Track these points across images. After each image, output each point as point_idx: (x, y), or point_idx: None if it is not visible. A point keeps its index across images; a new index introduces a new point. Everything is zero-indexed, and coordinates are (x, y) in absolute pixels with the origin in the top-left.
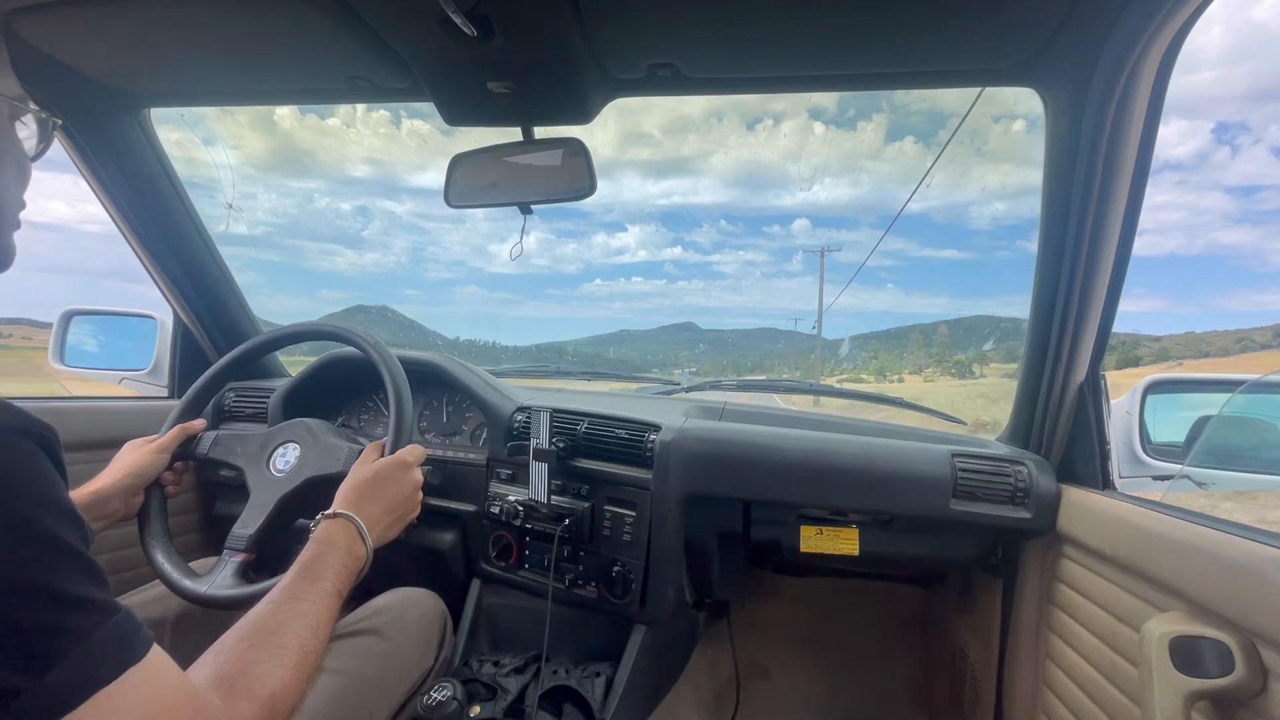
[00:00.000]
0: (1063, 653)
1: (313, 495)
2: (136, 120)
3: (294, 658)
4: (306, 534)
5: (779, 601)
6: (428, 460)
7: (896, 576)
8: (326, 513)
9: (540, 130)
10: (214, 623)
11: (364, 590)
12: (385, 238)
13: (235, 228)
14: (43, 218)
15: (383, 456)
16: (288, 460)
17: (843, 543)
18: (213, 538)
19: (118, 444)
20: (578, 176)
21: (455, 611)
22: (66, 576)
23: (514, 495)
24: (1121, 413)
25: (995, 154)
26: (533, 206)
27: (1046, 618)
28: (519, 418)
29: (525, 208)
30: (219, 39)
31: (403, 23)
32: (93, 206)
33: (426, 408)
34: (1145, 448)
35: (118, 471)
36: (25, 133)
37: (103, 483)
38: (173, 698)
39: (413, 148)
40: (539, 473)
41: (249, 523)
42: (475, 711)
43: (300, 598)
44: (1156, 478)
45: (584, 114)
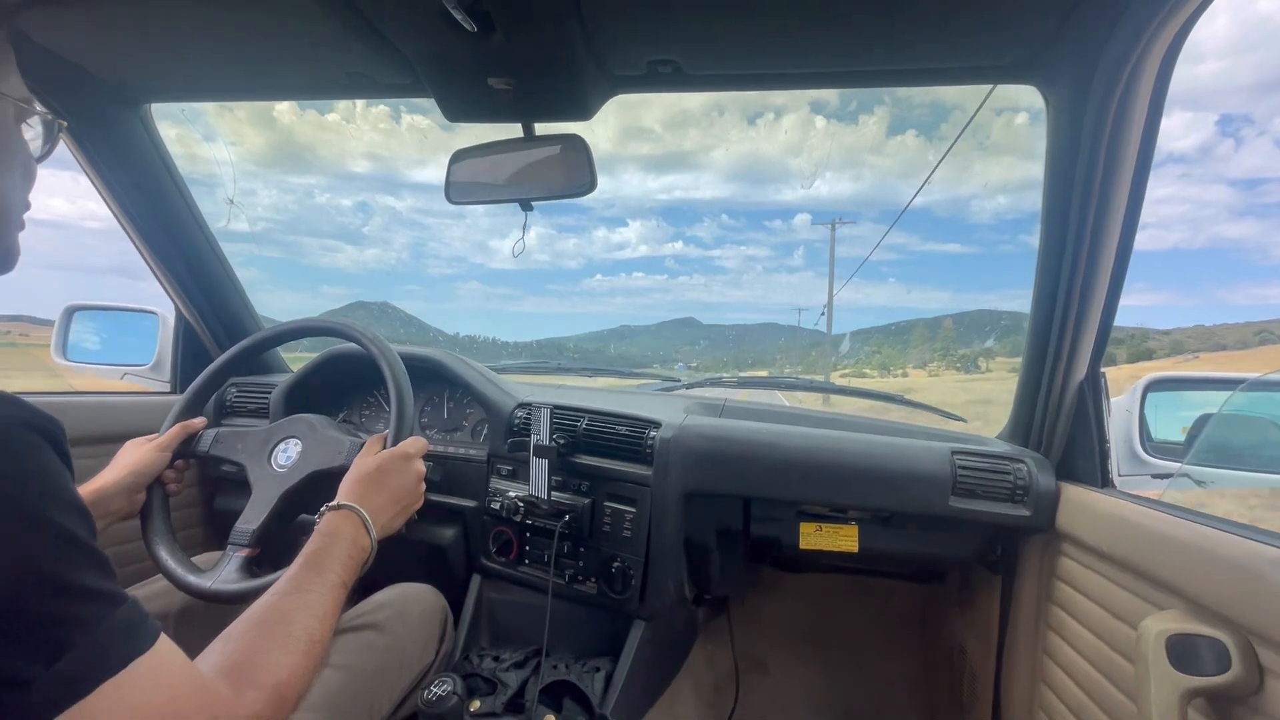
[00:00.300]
0: (1061, 650)
1: (315, 490)
2: (138, 116)
3: (301, 647)
4: (310, 528)
5: (778, 597)
6: (428, 456)
7: (896, 573)
8: (331, 504)
9: (540, 126)
10: (217, 617)
11: (365, 585)
12: (386, 233)
13: (236, 224)
14: (44, 215)
15: (385, 449)
16: (289, 455)
17: (842, 539)
18: (215, 533)
19: (120, 439)
20: (578, 173)
21: (456, 607)
22: (74, 567)
23: (514, 491)
24: (1121, 411)
25: (998, 147)
26: (533, 203)
27: (1045, 615)
28: (520, 414)
29: (526, 204)
30: (221, 34)
31: (404, 18)
32: (93, 203)
33: (427, 404)
34: (1145, 446)
35: (119, 470)
36: (31, 134)
37: (104, 481)
38: (181, 686)
39: (413, 143)
40: (539, 469)
41: (252, 518)
42: (475, 706)
43: (306, 588)
44: (1156, 476)
45: (584, 110)
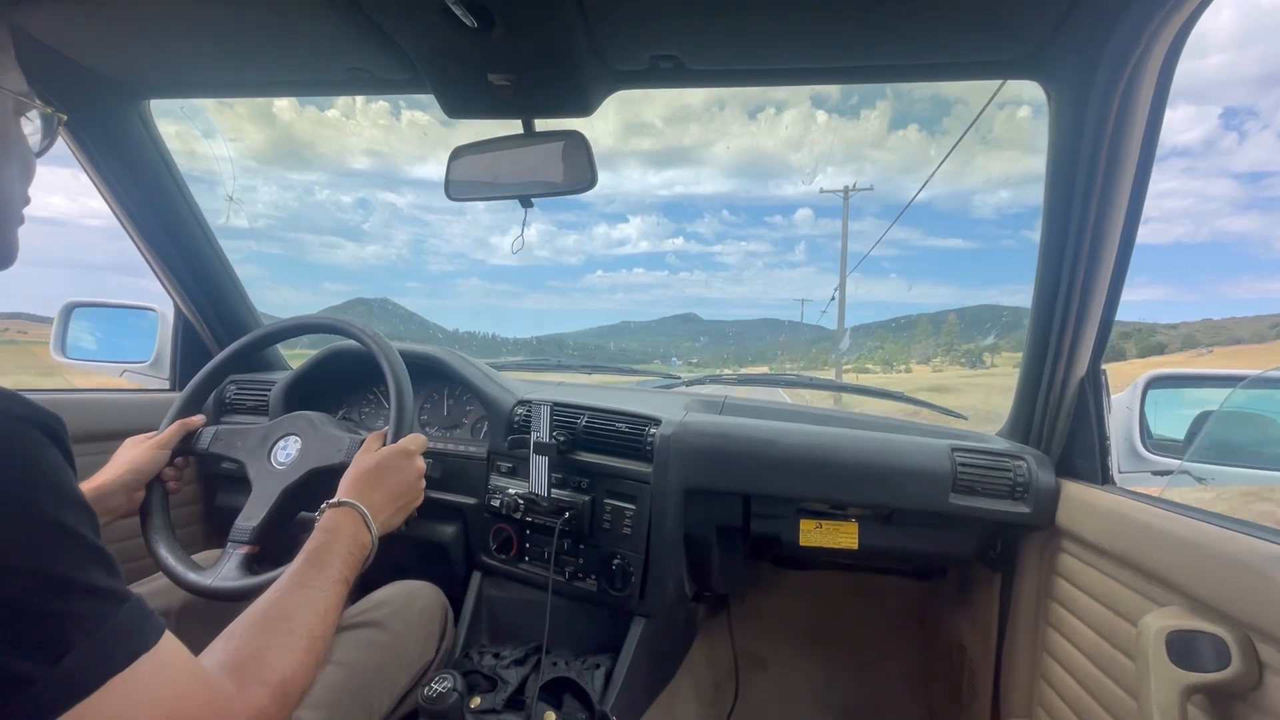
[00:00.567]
0: (1060, 646)
1: (315, 487)
2: (137, 112)
3: (304, 643)
4: (310, 526)
5: (778, 595)
6: (428, 453)
7: (895, 570)
8: (331, 501)
9: (541, 122)
10: (218, 615)
11: (366, 582)
12: (386, 230)
13: (236, 220)
14: (44, 212)
15: (385, 446)
16: (289, 453)
17: (842, 537)
18: (215, 530)
19: (119, 436)
20: (578, 169)
21: (456, 604)
22: (78, 564)
23: (514, 488)
24: (1122, 408)
25: (1000, 141)
26: (533, 200)
27: (1045, 612)
28: (519, 411)
29: (526, 201)
30: (220, 30)
31: (403, 14)
32: (94, 200)
33: (427, 401)
34: (1145, 443)
35: (118, 468)
36: (30, 128)
37: (104, 479)
38: (186, 683)
39: (413, 139)
40: (539, 466)
41: (252, 515)
42: (476, 703)
43: (308, 585)
44: (1156, 473)
45: (585, 106)
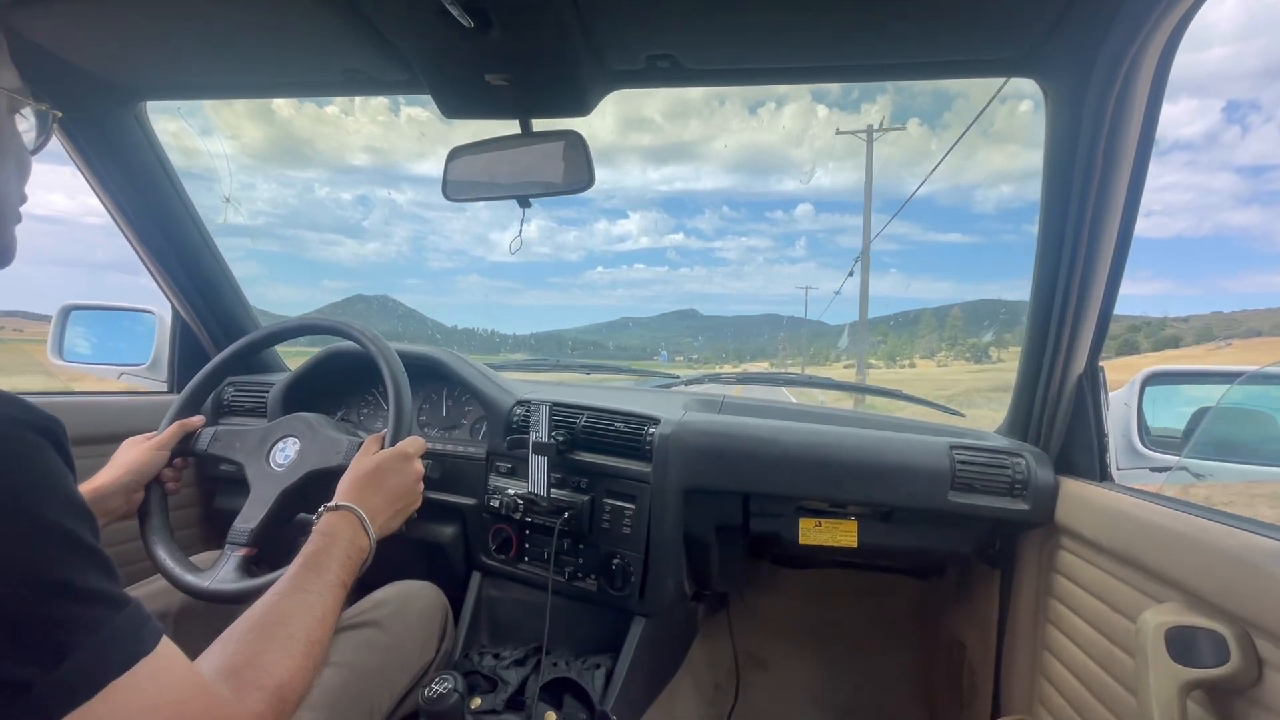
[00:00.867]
0: (1060, 643)
1: (313, 489)
2: (133, 114)
3: (301, 648)
4: (308, 528)
5: (778, 593)
6: (427, 454)
7: (895, 568)
8: (329, 505)
9: (538, 122)
10: (216, 617)
11: (365, 583)
12: (386, 227)
13: (234, 219)
14: (43, 210)
15: (383, 448)
16: (288, 454)
17: (841, 535)
18: (213, 532)
19: (118, 439)
20: (576, 169)
21: (456, 604)
22: (76, 569)
23: (513, 489)
24: (1120, 405)
25: (1001, 135)
26: (531, 200)
27: (1044, 609)
28: (518, 411)
29: (524, 201)
30: (216, 31)
31: (401, 15)
32: (93, 199)
33: (425, 401)
34: (1143, 440)
35: (117, 469)
36: (25, 126)
37: (102, 480)
38: (183, 689)
39: (412, 136)
40: (538, 466)
41: (250, 517)
42: (476, 703)
43: (305, 589)
44: (1154, 469)
45: (582, 106)
